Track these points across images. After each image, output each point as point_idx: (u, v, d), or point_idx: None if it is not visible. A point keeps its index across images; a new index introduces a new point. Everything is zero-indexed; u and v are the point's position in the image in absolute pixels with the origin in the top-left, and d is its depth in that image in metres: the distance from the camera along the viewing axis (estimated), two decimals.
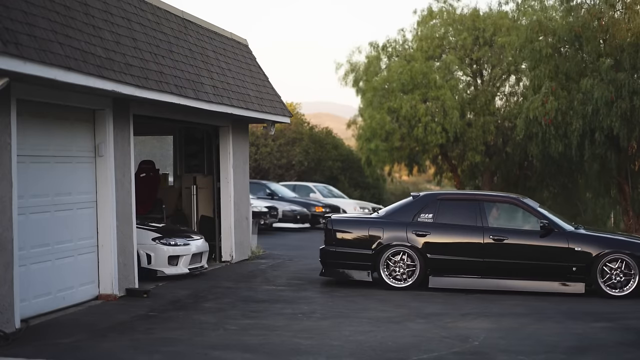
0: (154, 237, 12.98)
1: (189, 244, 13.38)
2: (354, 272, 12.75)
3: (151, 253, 12.90)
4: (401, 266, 12.52)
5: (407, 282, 12.50)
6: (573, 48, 23.08)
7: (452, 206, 12.80)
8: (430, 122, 28.13)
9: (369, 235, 12.64)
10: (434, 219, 12.63)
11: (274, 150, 37.71)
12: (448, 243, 12.55)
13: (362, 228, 12.81)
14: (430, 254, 12.46)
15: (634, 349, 8.66)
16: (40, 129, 10.03)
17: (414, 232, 12.54)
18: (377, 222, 12.83)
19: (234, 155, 15.95)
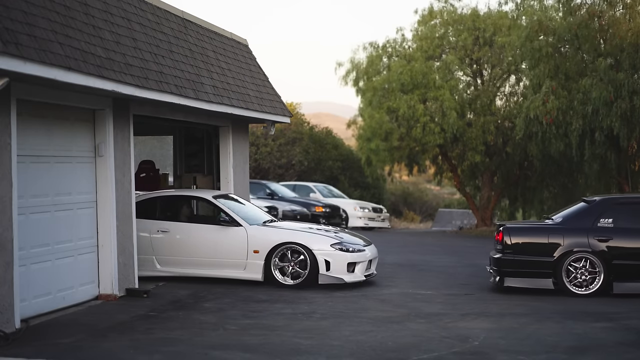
0: (332, 242, 12.72)
1: (364, 250, 13.06)
2: (535, 280, 12.48)
3: (330, 259, 12.60)
4: (583, 272, 12.32)
5: (589, 288, 12.27)
6: (573, 47, 23.07)
7: (633, 210, 12.61)
8: (429, 123, 28.12)
9: (549, 242, 12.46)
10: (615, 224, 12.43)
11: (274, 150, 37.71)
12: (633, 248, 12.32)
13: (540, 235, 12.64)
14: (614, 260, 12.25)
15: (634, 349, 8.66)
16: (40, 129, 10.03)
17: (595, 237, 12.35)
18: (556, 229, 12.62)
19: (234, 155, 15.95)
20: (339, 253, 12.68)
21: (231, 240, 12.88)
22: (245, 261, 12.82)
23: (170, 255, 13.06)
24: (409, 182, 52.02)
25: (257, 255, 12.78)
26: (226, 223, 12.97)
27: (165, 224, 13.16)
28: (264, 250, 12.74)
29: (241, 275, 12.86)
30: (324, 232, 13.32)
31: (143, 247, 12.90)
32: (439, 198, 52.70)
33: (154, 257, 13.07)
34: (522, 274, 12.55)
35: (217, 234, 12.97)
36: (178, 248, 13.05)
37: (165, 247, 13.07)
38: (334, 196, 30.67)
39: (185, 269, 13.02)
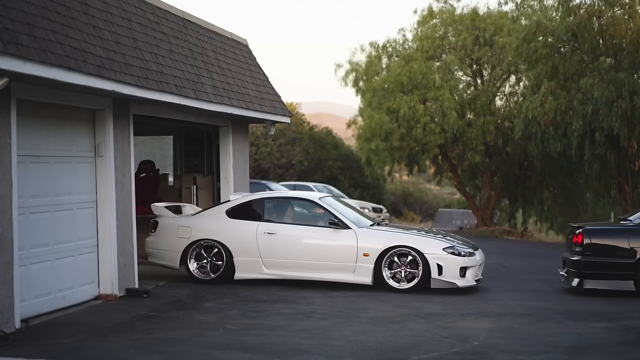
0: (445, 246, 12.47)
1: (474, 254, 12.72)
2: (616, 282, 12.36)
3: (442, 263, 12.29)
4: None
5: None
6: (572, 48, 23.08)
7: None
8: (429, 123, 28.13)
9: (630, 243, 12.32)
10: None
11: (274, 150, 37.72)
12: None
13: (621, 237, 12.49)
14: None
15: (634, 349, 8.66)
16: (40, 129, 10.03)
17: None
18: (636, 231, 12.50)
19: (234, 155, 15.95)
20: (451, 257, 12.34)
21: (340, 243, 12.61)
22: (355, 264, 12.51)
23: (277, 258, 12.79)
24: (409, 182, 52.04)
25: (367, 259, 12.46)
26: (335, 225, 12.71)
27: (272, 225, 12.92)
28: (374, 253, 12.43)
29: (350, 278, 12.56)
30: (433, 235, 13.11)
31: (249, 250, 12.80)
32: (439, 198, 52.72)
33: (261, 260, 12.83)
34: (603, 275, 12.40)
35: (326, 236, 12.74)
36: (285, 250, 12.77)
37: (273, 249, 12.81)
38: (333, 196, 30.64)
39: (292, 272, 12.77)
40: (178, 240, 13.12)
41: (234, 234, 12.95)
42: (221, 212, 13.24)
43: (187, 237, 13.06)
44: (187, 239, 13.06)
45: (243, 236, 12.87)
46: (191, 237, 13.05)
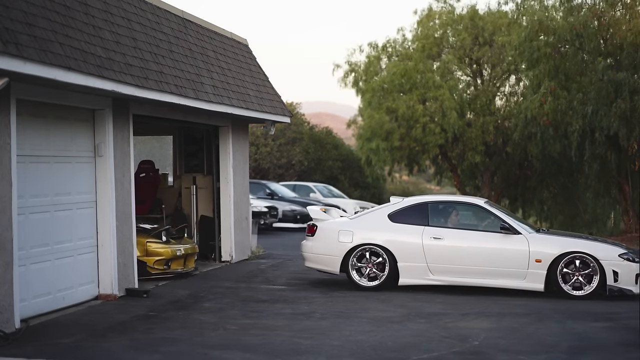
0: (620, 252, 12.06)
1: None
2: None
3: (618, 270, 11.88)
4: None
5: None
6: (573, 48, 23.08)
7: None
8: (429, 123, 28.12)
9: None
10: None
11: (274, 150, 37.71)
12: None
13: None
14: None
15: (634, 349, 8.65)
16: (40, 129, 10.03)
17: None
18: None
19: (234, 155, 15.94)
20: (627, 263, 11.97)
21: (511, 249, 12.22)
22: (526, 271, 12.12)
23: (445, 264, 12.40)
24: (409, 182, 52.02)
25: (539, 265, 12.07)
26: (506, 230, 12.37)
27: (438, 230, 12.54)
28: (548, 259, 12.04)
29: (521, 285, 12.18)
30: (602, 240, 12.83)
31: (414, 255, 12.44)
32: None
33: (427, 265, 12.43)
34: None
35: (495, 241, 12.32)
36: (453, 256, 12.39)
37: (440, 254, 12.41)
38: (334, 196, 30.67)
39: (460, 278, 12.40)
40: (339, 244, 12.69)
41: (398, 239, 12.54)
42: (383, 216, 12.82)
43: (349, 241, 12.65)
44: (348, 244, 12.63)
45: (408, 241, 12.47)
46: (353, 241, 12.61)
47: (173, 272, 13.36)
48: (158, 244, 13.21)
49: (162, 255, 13.16)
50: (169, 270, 13.30)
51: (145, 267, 12.91)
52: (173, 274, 13.34)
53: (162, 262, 13.18)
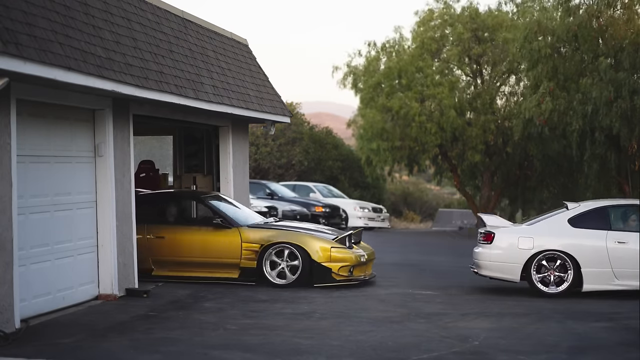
0: None
1: None
2: None
3: None
4: None
5: None
6: (572, 48, 23.08)
7: None
8: (426, 122, 28.04)
9: None
10: None
11: (273, 150, 37.71)
12: None
13: None
14: None
15: (634, 349, 8.66)
16: (40, 129, 10.03)
17: None
18: None
19: (234, 155, 15.94)
20: None
21: None
22: None
23: (631, 268, 12.07)
24: (409, 182, 52.00)
25: None
26: None
27: (621, 234, 12.26)
28: None
29: None
30: None
31: (599, 260, 12.19)
32: (439, 198, 52.69)
33: (612, 270, 12.13)
34: None
35: None
36: None
37: (625, 259, 12.12)
38: (333, 196, 30.66)
39: None
40: (519, 251, 12.43)
41: (581, 244, 12.29)
42: (562, 221, 12.56)
43: (530, 247, 12.39)
44: (529, 250, 12.36)
45: (592, 246, 12.22)
46: (534, 247, 12.35)
47: (356, 279, 13.00)
48: (343, 249, 12.88)
49: (346, 261, 12.82)
50: (352, 277, 12.93)
51: (330, 274, 12.64)
52: (356, 281, 12.98)
53: (347, 268, 12.83)
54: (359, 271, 13.12)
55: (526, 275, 12.37)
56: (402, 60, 28.89)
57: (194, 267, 13.13)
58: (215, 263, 13.03)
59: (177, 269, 13.15)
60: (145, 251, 12.95)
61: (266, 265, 12.80)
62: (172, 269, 13.17)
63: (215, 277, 13.01)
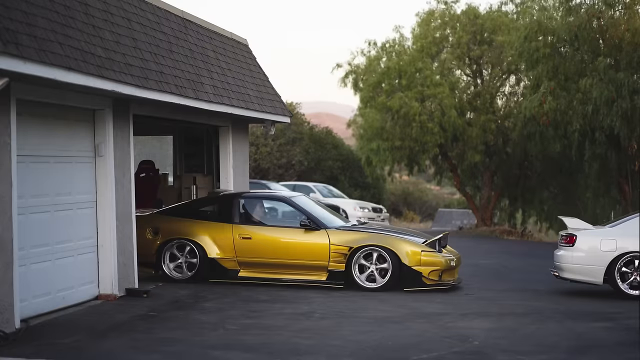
0: None
1: None
2: None
3: None
4: None
5: None
6: (572, 48, 23.09)
7: None
8: (427, 122, 28.03)
9: None
10: None
11: (273, 150, 37.71)
12: None
13: None
14: None
15: (634, 349, 8.66)
16: (40, 129, 10.03)
17: None
18: None
19: (234, 155, 15.95)
20: None
21: None
22: None
23: None
24: (409, 182, 52.02)
25: None
26: None
27: None
28: None
29: None
30: None
31: None
32: (439, 198, 52.72)
33: None
34: None
35: None
36: None
37: None
38: (333, 196, 30.66)
39: None
40: (602, 254, 12.28)
41: None
42: None
43: (612, 250, 12.22)
44: (612, 253, 12.21)
45: None
46: (617, 250, 12.20)
47: (446, 283, 12.78)
48: (433, 253, 12.63)
49: (437, 265, 12.57)
50: (442, 281, 12.71)
51: (420, 278, 12.44)
52: (446, 285, 12.76)
53: (437, 272, 12.60)
54: (448, 275, 12.86)
55: (609, 278, 12.25)
56: (403, 60, 28.89)
57: (280, 268, 12.91)
58: (302, 265, 12.81)
59: (264, 270, 12.97)
60: (232, 252, 12.94)
61: (355, 268, 12.56)
62: (258, 270, 12.99)
63: (302, 279, 12.81)
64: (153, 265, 13.19)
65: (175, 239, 13.14)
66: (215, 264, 13.01)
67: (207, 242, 12.98)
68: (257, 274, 12.99)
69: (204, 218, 13.32)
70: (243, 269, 13.00)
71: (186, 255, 13.08)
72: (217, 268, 12.99)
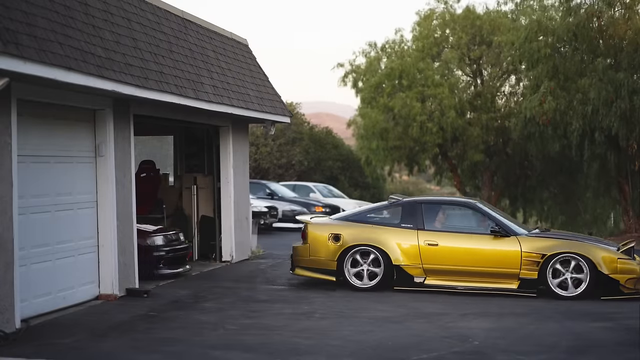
0: None
1: None
2: None
3: None
4: None
5: None
6: (572, 48, 23.09)
7: None
8: (427, 122, 28.04)
9: None
10: None
11: (274, 150, 37.71)
12: None
13: None
14: None
15: (634, 349, 8.66)
16: (40, 129, 10.04)
17: None
18: None
19: (234, 155, 15.95)
20: None
21: None
22: None
23: None
24: (409, 182, 52.02)
25: None
26: None
27: None
28: None
29: None
30: None
31: None
32: None
33: None
34: None
35: None
36: None
37: None
38: (334, 196, 30.67)
39: None
40: None
41: None
42: None
43: None
44: None
45: None
46: None
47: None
48: (629, 261, 12.21)
49: (633, 273, 12.15)
50: (636, 289, 12.20)
51: (617, 286, 12.06)
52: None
53: (633, 281, 12.17)
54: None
55: None
56: (405, 61, 28.90)
57: (468, 276, 12.47)
58: (491, 273, 12.35)
59: (451, 278, 12.52)
60: (417, 259, 12.53)
61: (549, 276, 12.09)
62: (445, 278, 12.53)
63: (491, 287, 12.35)
64: (333, 272, 12.70)
65: (359, 245, 12.63)
66: (399, 271, 12.54)
67: (392, 249, 12.52)
68: (443, 282, 12.53)
69: (386, 224, 12.91)
70: (429, 277, 12.54)
71: (369, 263, 12.59)
72: (401, 275, 12.53)
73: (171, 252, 13.53)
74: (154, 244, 13.24)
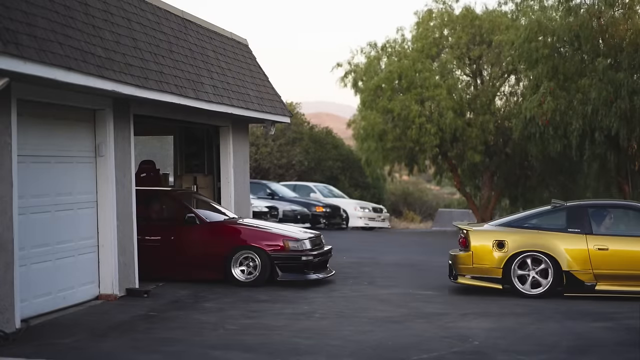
0: None
1: None
2: None
3: None
4: None
5: None
6: (572, 48, 23.08)
7: None
8: (425, 124, 28.03)
9: None
10: None
11: (274, 150, 37.70)
12: None
13: None
14: None
15: (634, 349, 8.66)
16: (40, 129, 10.04)
17: None
18: None
19: (234, 155, 15.95)
20: None
21: None
22: None
23: None
24: (409, 182, 52.00)
25: None
26: None
27: None
28: None
29: None
30: None
31: None
32: (439, 198, 52.68)
33: None
34: None
35: None
36: None
37: None
38: (334, 196, 30.67)
39: None
40: None
41: None
42: None
43: None
44: None
45: None
46: None
47: None
48: None
49: None
50: None
51: None
52: None
53: None
54: None
55: None
56: (403, 63, 28.88)
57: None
58: None
59: (624, 283, 12.15)
60: (587, 264, 12.17)
61: None
62: (617, 283, 12.16)
63: None
64: (498, 280, 12.35)
65: (526, 251, 12.31)
66: (569, 276, 12.18)
67: (560, 254, 12.19)
68: (616, 287, 12.16)
69: (551, 229, 12.59)
70: (600, 282, 12.17)
71: (538, 271, 12.28)
72: (571, 281, 12.19)
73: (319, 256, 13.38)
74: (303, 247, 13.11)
